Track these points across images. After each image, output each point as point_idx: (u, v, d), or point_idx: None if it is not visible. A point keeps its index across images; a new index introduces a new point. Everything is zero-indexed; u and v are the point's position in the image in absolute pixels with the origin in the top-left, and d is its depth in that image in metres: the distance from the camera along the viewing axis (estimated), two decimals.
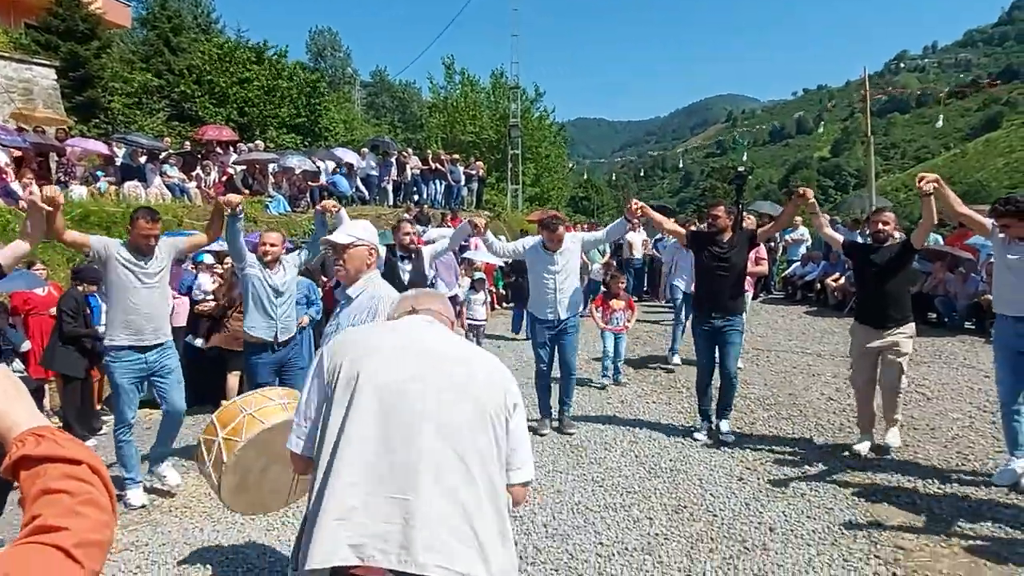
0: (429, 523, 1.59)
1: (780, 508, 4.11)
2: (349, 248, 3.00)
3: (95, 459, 0.95)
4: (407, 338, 1.88)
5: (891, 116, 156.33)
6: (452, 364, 1.81)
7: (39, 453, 0.91)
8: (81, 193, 10.94)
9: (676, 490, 4.47)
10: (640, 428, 5.80)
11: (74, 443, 0.95)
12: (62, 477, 0.89)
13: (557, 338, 5.71)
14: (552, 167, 34.37)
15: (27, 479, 0.90)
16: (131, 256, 4.31)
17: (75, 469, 0.91)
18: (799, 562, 3.47)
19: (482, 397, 1.77)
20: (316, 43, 49.49)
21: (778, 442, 5.36)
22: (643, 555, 3.61)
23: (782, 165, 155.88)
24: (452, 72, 32.88)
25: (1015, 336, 4.24)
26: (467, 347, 1.96)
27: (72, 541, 0.83)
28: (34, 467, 0.90)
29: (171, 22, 25.97)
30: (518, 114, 28.39)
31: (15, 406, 0.99)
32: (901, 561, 3.45)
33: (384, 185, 17.28)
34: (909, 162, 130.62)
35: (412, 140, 32.58)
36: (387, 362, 1.77)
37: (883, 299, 4.84)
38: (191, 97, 23.87)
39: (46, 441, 0.93)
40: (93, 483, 0.91)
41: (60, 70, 17.42)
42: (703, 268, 5.47)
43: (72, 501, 0.87)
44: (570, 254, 5.61)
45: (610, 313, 7.48)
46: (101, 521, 0.88)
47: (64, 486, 0.88)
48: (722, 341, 5.41)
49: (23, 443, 0.92)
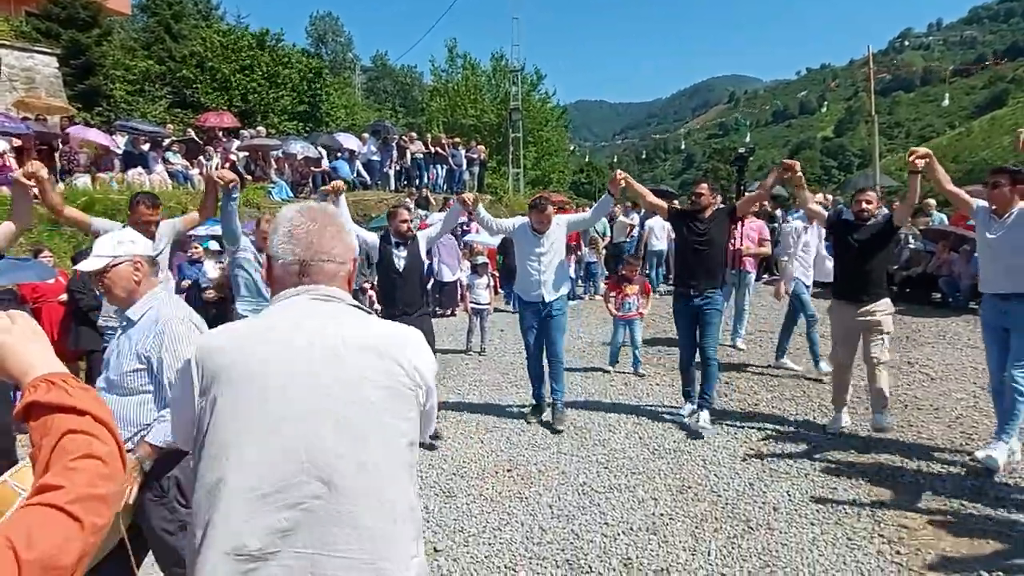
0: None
1: (784, 488, 4.16)
2: (107, 272, 2.45)
3: (102, 408, 0.96)
4: (292, 353, 1.40)
5: (895, 95, 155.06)
6: (350, 388, 1.40)
7: (48, 400, 0.92)
8: (85, 182, 10.96)
9: (680, 471, 4.51)
10: (644, 409, 5.84)
11: (82, 391, 0.96)
12: (65, 431, 0.90)
13: (544, 321, 5.61)
14: (553, 150, 34.21)
15: (35, 429, 0.92)
16: None
17: (79, 420, 0.92)
18: (803, 541, 3.52)
19: (385, 416, 1.42)
20: (317, 28, 49.24)
21: (781, 423, 5.40)
22: (648, 535, 3.66)
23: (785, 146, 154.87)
24: (455, 56, 32.68)
25: (998, 313, 4.32)
26: (367, 339, 1.48)
27: (67, 498, 0.84)
28: (42, 416, 0.92)
29: (171, 9, 25.85)
30: (519, 97, 28.21)
31: (31, 348, 1.01)
32: (905, 540, 3.49)
33: (385, 170, 17.25)
34: (913, 141, 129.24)
35: (413, 124, 32.43)
36: (267, 399, 1.35)
37: (863, 275, 4.89)
38: (193, 84, 23.81)
39: (56, 389, 0.94)
40: (96, 434, 0.92)
41: (62, 58, 17.38)
42: (683, 244, 5.55)
43: (67, 458, 0.88)
44: (556, 236, 5.58)
45: (622, 298, 7.30)
46: (100, 474, 0.89)
47: (64, 442, 0.89)
48: (702, 321, 5.37)
49: (35, 389, 0.94)
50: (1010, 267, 4.19)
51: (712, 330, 5.39)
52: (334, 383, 1.39)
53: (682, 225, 5.53)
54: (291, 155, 14.81)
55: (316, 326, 1.44)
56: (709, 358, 5.38)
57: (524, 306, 5.72)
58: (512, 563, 3.43)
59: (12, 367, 0.99)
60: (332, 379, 1.39)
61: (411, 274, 5.28)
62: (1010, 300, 4.21)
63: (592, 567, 3.36)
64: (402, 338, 1.53)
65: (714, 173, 63.03)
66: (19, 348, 1.00)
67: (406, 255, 5.26)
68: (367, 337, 1.47)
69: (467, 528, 3.81)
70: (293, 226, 1.51)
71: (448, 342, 9.16)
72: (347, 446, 1.35)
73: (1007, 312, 4.24)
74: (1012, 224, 4.21)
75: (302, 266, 1.50)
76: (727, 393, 6.26)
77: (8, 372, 1.00)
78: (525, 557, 3.48)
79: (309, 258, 1.50)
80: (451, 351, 8.61)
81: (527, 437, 5.28)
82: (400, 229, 5.32)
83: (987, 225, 4.35)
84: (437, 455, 4.95)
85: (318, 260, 1.51)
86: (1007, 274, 4.22)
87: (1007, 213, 4.25)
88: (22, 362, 0.99)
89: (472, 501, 4.16)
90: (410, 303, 5.23)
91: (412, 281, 5.30)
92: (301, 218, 1.52)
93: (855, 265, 4.92)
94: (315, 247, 1.50)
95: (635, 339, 7.28)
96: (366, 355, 1.44)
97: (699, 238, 5.35)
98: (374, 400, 1.41)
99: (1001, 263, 4.26)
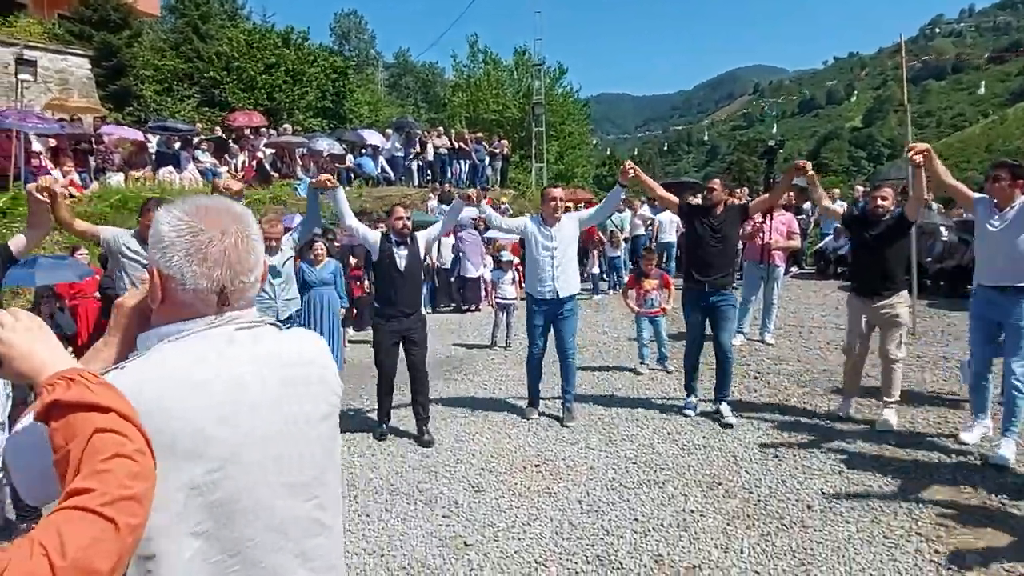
0: None
1: (817, 485, 4.10)
2: None
3: (125, 404, 0.92)
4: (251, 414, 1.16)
5: (926, 83, 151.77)
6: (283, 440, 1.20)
7: (69, 399, 0.88)
8: (119, 180, 11.16)
9: (710, 467, 4.47)
10: (672, 405, 5.80)
11: (104, 387, 0.92)
12: (93, 430, 0.86)
13: (554, 321, 5.53)
14: (576, 144, 34.06)
15: (57, 430, 0.87)
16: (140, 247, 4.17)
17: (105, 418, 0.88)
18: (838, 539, 3.46)
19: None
20: (341, 26, 49.59)
21: (813, 419, 5.32)
22: (679, 531, 3.63)
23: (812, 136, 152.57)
24: (476, 51, 32.67)
25: (991, 305, 4.37)
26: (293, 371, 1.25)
27: (99, 501, 0.81)
28: (64, 416, 0.88)
29: (199, 9, 26.17)
30: (542, 91, 28.13)
31: (41, 346, 0.96)
32: (944, 538, 3.42)
33: (408, 165, 17.34)
34: (945, 130, 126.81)
35: (436, 120, 32.50)
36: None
37: (878, 270, 4.93)
38: (220, 83, 24.11)
39: (76, 385, 0.89)
40: (124, 431, 0.88)
41: (94, 59, 17.70)
42: (695, 240, 5.54)
43: (101, 457, 0.84)
44: (567, 231, 5.53)
45: (643, 294, 7.14)
46: (131, 472, 0.86)
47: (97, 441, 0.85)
48: (717, 316, 5.39)
49: (53, 387, 0.89)
50: (1009, 259, 4.23)
51: (728, 324, 5.42)
52: (294, 439, 1.21)
53: (694, 221, 5.51)
54: (317, 152, 14.94)
55: (255, 368, 1.18)
56: (726, 352, 5.40)
57: (534, 303, 5.57)
58: (542, 558, 3.43)
59: (23, 367, 0.95)
60: (291, 435, 1.21)
61: (412, 274, 5.22)
62: (1006, 292, 4.25)
63: (623, 563, 3.35)
64: (324, 350, 1.34)
65: (739, 165, 62.46)
66: (28, 346, 0.95)
67: (407, 254, 5.18)
68: (302, 363, 1.27)
69: (496, 523, 3.82)
70: (200, 243, 1.14)
71: (473, 337, 9.19)
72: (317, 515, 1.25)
73: (1001, 304, 4.28)
74: (1013, 217, 4.24)
75: (222, 293, 1.17)
76: (757, 389, 6.19)
77: (19, 372, 0.95)
78: (555, 552, 3.48)
79: (230, 281, 1.17)
80: (476, 346, 8.64)
81: (554, 432, 5.28)
82: (397, 227, 5.20)
83: (987, 217, 4.38)
84: (465, 450, 4.97)
85: (239, 283, 1.19)
86: (1005, 266, 4.26)
87: (1008, 207, 4.28)
88: (33, 361, 0.95)
89: (501, 496, 4.17)
90: (410, 303, 5.20)
91: (413, 281, 5.25)
92: (207, 230, 1.16)
93: (871, 260, 4.99)
94: (236, 268, 1.18)
95: (660, 336, 7.15)
96: (311, 387, 1.27)
97: (714, 235, 5.37)
98: (325, 437, 1.28)
99: (1000, 255, 4.29)
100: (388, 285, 5.20)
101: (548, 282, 5.43)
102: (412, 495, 4.24)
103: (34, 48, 14.81)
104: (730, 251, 5.50)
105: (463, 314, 11.42)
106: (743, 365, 6.98)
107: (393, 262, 5.14)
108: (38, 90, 14.66)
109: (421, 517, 3.93)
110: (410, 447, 5.10)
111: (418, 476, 4.54)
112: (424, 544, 3.62)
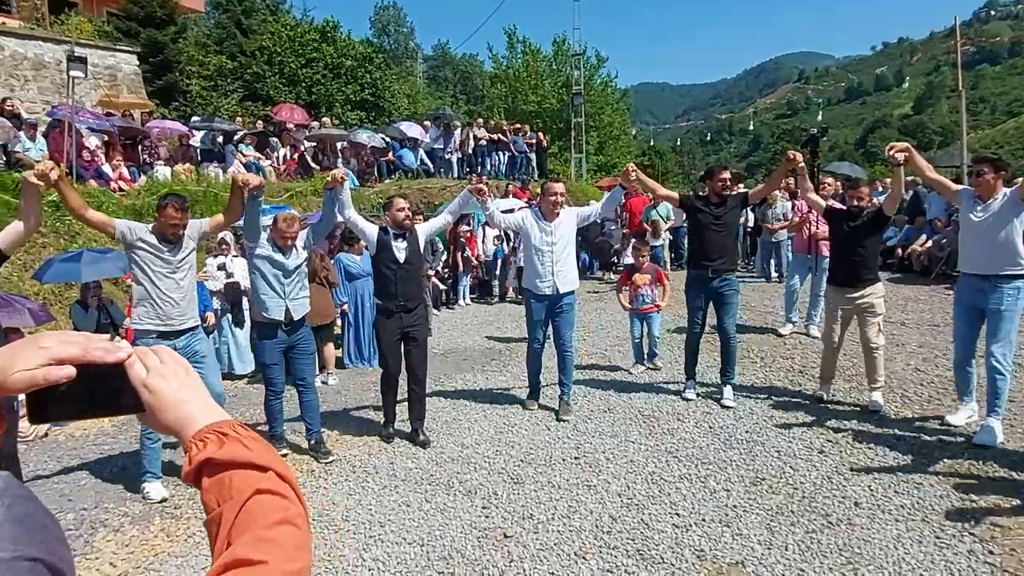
0: None
1: (865, 482, 3.99)
2: None
3: (282, 464, 0.81)
4: None
5: (980, 68, 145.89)
6: None
7: (224, 457, 0.78)
8: (165, 173, 11.45)
9: (753, 462, 4.40)
10: (713, 399, 5.71)
11: (260, 444, 0.82)
12: (252, 491, 0.76)
13: (553, 316, 5.52)
14: (616, 134, 33.70)
15: (210, 489, 0.78)
16: (156, 242, 4.21)
17: (262, 478, 0.77)
18: (887, 538, 3.37)
19: None
20: (380, 19, 49.98)
21: (861, 414, 5.18)
22: (721, 527, 3.58)
23: (859, 124, 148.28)
24: (514, 41, 32.50)
25: (976, 292, 4.56)
26: None
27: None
28: (218, 474, 0.78)
29: (242, 4, 26.66)
30: (581, 81, 27.88)
31: (190, 394, 0.84)
32: (998, 539, 3.30)
33: (447, 157, 17.38)
34: (1000, 117, 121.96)
35: (474, 112, 32.52)
36: None
37: (855, 261, 5.21)
38: (263, 78, 24.54)
39: (231, 441, 0.79)
40: (285, 493, 0.78)
41: (141, 56, 18.15)
42: (699, 229, 5.68)
43: (265, 523, 0.74)
44: (566, 226, 5.50)
45: (635, 291, 6.83)
46: (297, 544, 0.76)
47: (256, 504, 0.75)
48: (720, 302, 5.58)
49: (205, 443, 0.79)
50: (993, 248, 4.42)
51: (732, 310, 5.61)
52: None
53: (697, 211, 5.65)
54: (358, 144, 15.08)
55: None
56: (730, 336, 5.59)
57: (533, 299, 5.56)
58: (582, 551, 3.42)
59: (169, 418, 0.82)
60: None
61: (412, 267, 5.10)
62: (989, 280, 4.46)
63: (663, 557, 3.31)
64: None
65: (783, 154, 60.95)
66: (176, 395, 0.83)
67: (406, 247, 5.07)
68: None
69: (536, 515, 3.82)
70: None
71: (511, 329, 9.18)
72: None
73: (985, 292, 4.48)
74: (997, 208, 4.43)
75: None
76: (801, 383, 6.06)
77: (166, 425, 0.83)
78: (595, 546, 3.46)
79: None
80: (513, 339, 8.62)
81: (593, 425, 5.25)
82: (398, 219, 5.08)
83: (971, 207, 4.56)
84: (504, 441, 4.98)
85: None
86: (989, 255, 4.45)
87: (991, 198, 4.48)
88: (181, 411, 0.82)
89: (540, 488, 4.17)
90: (410, 297, 5.08)
91: (413, 274, 5.13)
92: None
93: (848, 251, 5.26)
94: None
95: (652, 334, 6.87)
96: None
97: (716, 223, 5.53)
98: None
99: (985, 244, 4.47)
100: (388, 279, 5.06)
101: (547, 277, 5.43)
102: (452, 486, 4.27)
103: (84, 45, 15.26)
104: (732, 238, 5.73)
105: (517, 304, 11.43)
106: (788, 359, 6.85)
107: (392, 255, 5.02)
108: (89, 86, 15.11)
109: (461, 508, 3.95)
110: (449, 439, 5.13)
111: (457, 467, 4.57)
112: (464, 535, 3.64)
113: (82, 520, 4.00)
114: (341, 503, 4.10)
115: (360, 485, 4.35)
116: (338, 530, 3.75)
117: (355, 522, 3.85)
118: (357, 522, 3.84)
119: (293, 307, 4.82)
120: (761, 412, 5.32)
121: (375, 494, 4.21)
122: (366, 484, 4.36)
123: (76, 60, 9.94)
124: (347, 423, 5.67)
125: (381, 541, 3.61)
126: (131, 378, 0.82)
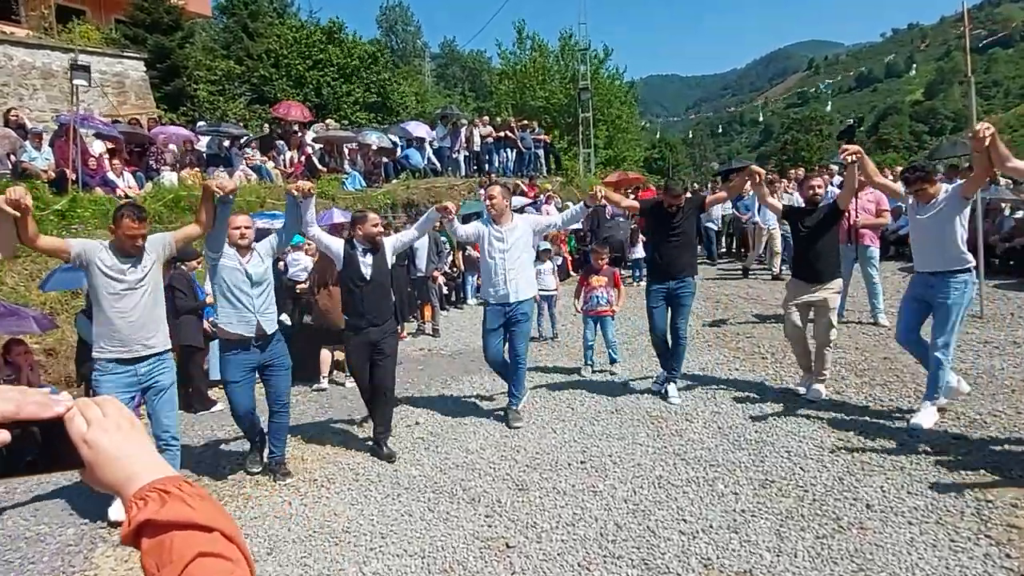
0: None
1: (877, 483, 3.89)
2: None
3: (229, 524, 0.76)
4: None
5: (992, 52, 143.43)
6: None
7: (164, 518, 0.72)
8: (171, 179, 11.47)
9: (762, 463, 4.31)
10: (722, 398, 5.62)
11: (205, 501, 0.77)
12: (194, 554, 0.71)
13: (509, 325, 5.42)
14: (624, 128, 33.46)
15: (150, 552, 0.72)
16: (115, 259, 3.89)
17: (207, 539, 0.73)
18: (900, 542, 3.27)
19: None
20: (387, 18, 49.99)
21: (873, 411, 5.08)
22: (729, 533, 3.50)
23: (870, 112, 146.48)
24: (523, 37, 32.33)
25: (926, 287, 4.72)
26: None
27: None
28: (158, 535, 0.72)
29: (248, 8, 26.70)
30: (588, 76, 27.69)
31: (133, 451, 0.78)
32: (1015, 542, 3.19)
33: (455, 155, 17.31)
34: (1013, 100, 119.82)
35: (483, 109, 32.42)
36: None
37: (815, 257, 5.37)
38: (270, 80, 24.58)
39: (172, 500, 0.74)
40: (229, 556, 0.73)
41: (148, 62, 18.21)
42: (658, 236, 5.80)
43: None
44: (520, 233, 5.41)
45: (590, 292, 6.70)
46: None
47: (198, 569, 0.70)
48: (675, 303, 5.70)
49: (145, 502, 0.74)
50: (940, 246, 4.59)
51: (685, 311, 5.75)
52: None
53: (654, 219, 5.78)
54: (365, 145, 15.05)
55: None
56: (681, 336, 5.74)
57: (488, 307, 5.49)
58: (586, 561, 3.35)
59: (110, 476, 0.77)
60: None
61: (378, 283, 4.95)
62: (937, 276, 4.63)
63: (669, 567, 3.24)
64: None
65: (794, 144, 60.41)
66: (117, 449, 0.77)
67: (372, 262, 4.92)
68: None
69: (540, 523, 3.76)
70: None
71: None
72: None
73: (933, 286, 4.64)
74: (939, 207, 4.61)
75: None
76: None
77: (107, 483, 0.78)
78: (599, 555, 3.39)
79: None
80: None
81: (600, 427, 5.18)
82: (371, 233, 4.92)
83: (917, 209, 4.76)
84: (510, 446, 4.92)
85: None
86: (937, 253, 4.61)
87: (932, 200, 4.67)
88: (123, 467, 0.77)
89: (545, 495, 4.10)
90: (378, 313, 4.92)
91: (380, 290, 5.00)
92: None
93: (806, 248, 5.45)
94: None
95: (607, 337, 6.74)
96: None
97: (673, 231, 5.63)
98: None
99: (931, 243, 4.64)
100: (354, 296, 4.91)
101: (501, 285, 5.35)
102: (456, 494, 4.21)
103: (90, 53, 15.32)
104: (689, 242, 5.83)
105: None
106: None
107: (358, 272, 4.87)
108: (96, 94, 15.17)
109: (464, 517, 3.90)
110: (455, 443, 5.08)
111: (461, 474, 4.52)
112: (466, 545, 3.58)
113: (82, 536, 3.98)
114: (343, 513, 4.06)
115: (363, 494, 4.31)
116: (339, 543, 3.71)
117: (356, 534, 3.80)
118: (359, 533, 3.80)
119: (264, 321, 4.53)
120: (772, 411, 5.23)
121: (377, 503, 4.17)
122: (369, 493, 4.32)
123: (79, 69, 9.95)
124: (352, 430, 5.64)
125: (382, 553, 3.56)
126: (71, 433, 0.78)
